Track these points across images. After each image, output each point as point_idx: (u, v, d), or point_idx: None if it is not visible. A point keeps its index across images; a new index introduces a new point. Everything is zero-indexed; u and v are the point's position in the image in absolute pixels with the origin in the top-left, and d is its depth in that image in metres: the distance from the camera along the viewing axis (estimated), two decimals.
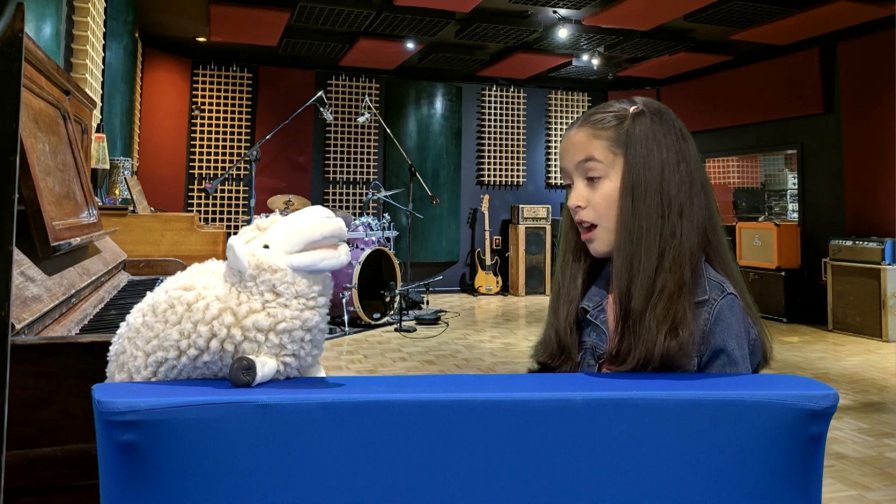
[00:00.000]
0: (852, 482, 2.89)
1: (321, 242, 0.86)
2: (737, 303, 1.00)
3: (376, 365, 4.96)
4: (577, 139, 1.07)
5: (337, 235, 0.87)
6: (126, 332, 0.89)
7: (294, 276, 0.86)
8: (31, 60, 1.75)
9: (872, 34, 6.33)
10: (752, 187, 8.81)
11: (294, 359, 0.86)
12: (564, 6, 5.93)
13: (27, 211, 1.54)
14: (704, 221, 1.02)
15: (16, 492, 1.19)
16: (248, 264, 0.85)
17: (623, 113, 1.05)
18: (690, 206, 1.01)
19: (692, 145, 1.06)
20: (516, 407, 0.77)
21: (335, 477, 0.74)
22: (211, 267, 0.91)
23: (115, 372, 0.89)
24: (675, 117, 1.07)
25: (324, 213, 0.88)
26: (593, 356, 1.08)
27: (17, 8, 0.92)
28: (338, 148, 8.53)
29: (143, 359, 0.85)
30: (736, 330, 0.98)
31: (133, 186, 3.96)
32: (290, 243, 0.86)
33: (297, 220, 0.87)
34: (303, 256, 0.86)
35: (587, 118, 1.08)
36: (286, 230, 0.87)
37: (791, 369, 4.94)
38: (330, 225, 0.87)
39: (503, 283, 8.90)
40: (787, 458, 0.81)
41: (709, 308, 0.98)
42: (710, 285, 1.00)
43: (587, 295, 1.11)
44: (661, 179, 1.01)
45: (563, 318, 1.10)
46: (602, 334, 1.07)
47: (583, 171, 1.06)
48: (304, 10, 6.02)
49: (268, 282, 0.85)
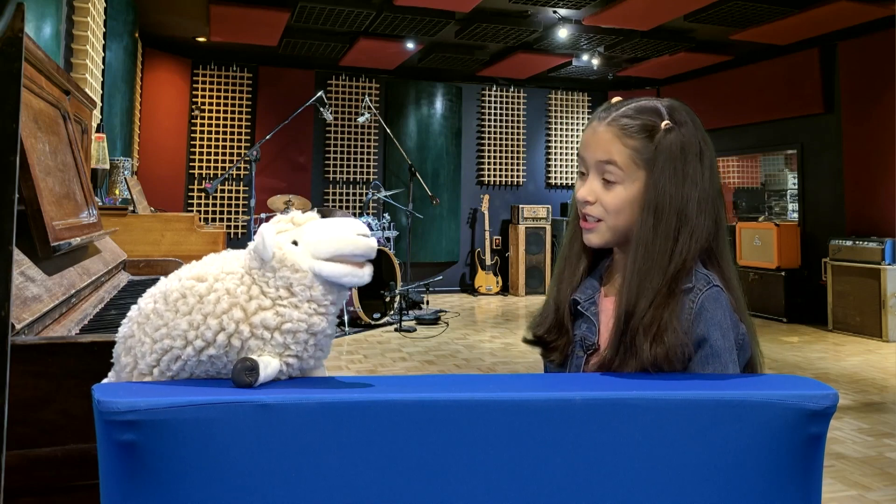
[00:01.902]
0: (852, 482, 2.89)
1: (349, 258, 0.86)
2: (722, 295, 1.00)
3: (376, 365, 4.96)
4: (603, 137, 1.05)
5: (366, 255, 0.87)
6: (136, 316, 0.89)
7: (313, 280, 0.85)
8: (31, 60, 1.75)
9: (872, 34, 6.33)
10: (752, 187, 8.81)
11: (297, 360, 0.86)
12: (564, 6, 5.93)
13: (27, 211, 1.54)
14: (710, 237, 1.03)
15: (16, 492, 1.19)
16: (273, 255, 0.85)
17: (653, 125, 1.04)
18: (702, 228, 1.02)
19: (712, 153, 1.06)
20: (516, 407, 0.77)
21: (335, 477, 0.74)
22: (225, 255, 0.91)
23: (122, 354, 0.90)
24: (699, 124, 1.06)
25: (360, 229, 0.88)
26: (582, 347, 1.08)
27: (17, 8, 0.92)
28: (338, 148, 8.53)
29: (149, 345, 0.85)
30: (720, 321, 0.98)
31: (133, 186, 3.96)
32: (320, 249, 0.85)
33: (334, 228, 0.87)
34: (327, 266, 0.86)
35: (617, 117, 1.05)
36: (319, 235, 0.86)
37: (791, 369, 4.94)
38: (364, 243, 0.86)
39: (503, 283, 8.90)
40: (787, 458, 0.81)
41: (693, 297, 0.98)
42: (697, 276, 1.00)
43: (580, 287, 1.12)
44: (682, 200, 1.01)
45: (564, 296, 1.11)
46: (592, 326, 1.08)
47: (600, 170, 1.06)
48: (304, 10, 6.02)
49: (286, 279, 0.85)
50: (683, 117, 1.05)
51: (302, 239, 0.87)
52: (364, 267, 0.88)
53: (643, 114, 1.05)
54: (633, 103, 1.07)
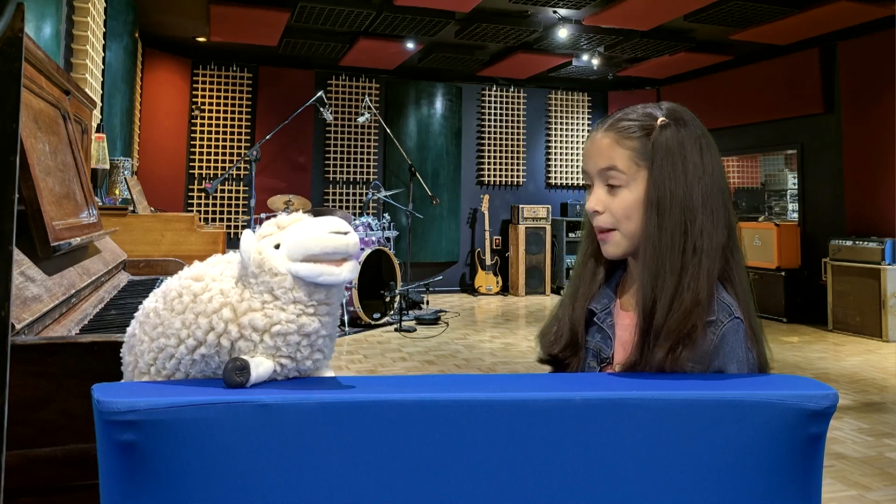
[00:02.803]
0: (852, 482, 2.89)
1: (321, 257, 0.85)
2: (741, 327, 1.00)
3: (376, 365, 4.96)
4: (602, 144, 1.06)
5: (341, 252, 0.85)
6: (140, 315, 0.91)
7: (293, 282, 0.85)
8: (31, 60, 1.75)
9: (872, 34, 6.33)
10: (752, 187, 8.81)
11: (290, 361, 0.86)
12: (564, 6, 5.93)
13: (27, 211, 1.54)
14: (724, 239, 1.02)
15: (16, 492, 1.19)
16: (252, 261, 0.85)
17: (649, 124, 1.04)
18: (712, 224, 1.01)
19: (715, 151, 1.05)
20: (516, 407, 0.77)
21: (335, 477, 0.74)
22: (227, 258, 0.92)
23: (126, 353, 0.91)
24: (699, 124, 1.06)
25: (334, 226, 0.85)
26: (596, 358, 1.08)
27: (17, 8, 0.92)
28: (338, 148, 8.53)
29: (147, 343, 0.87)
30: (738, 354, 0.99)
31: (133, 186, 3.96)
32: (294, 251, 0.85)
33: (306, 229, 0.86)
34: (302, 267, 0.85)
35: (614, 123, 1.06)
36: (296, 236, 0.86)
37: (791, 369, 4.94)
38: (334, 241, 0.84)
39: (503, 283, 8.90)
40: (787, 458, 0.81)
41: (714, 329, 0.98)
42: (720, 307, 1.00)
43: (596, 297, 1.11)
44: (685, 195, 1.00)
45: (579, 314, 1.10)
46: (607, 338, 1.07)
47: (604, 178, 1.06)
48: (304, 10, 6.02)
49: (266, 283, 0.85)
50: (681, 115, 1.05)
51: (283, 241, 0.86)
52: (342, 264, 0.85)
53: (640, 116, 1.06)
54: (630, 109, 1.08)
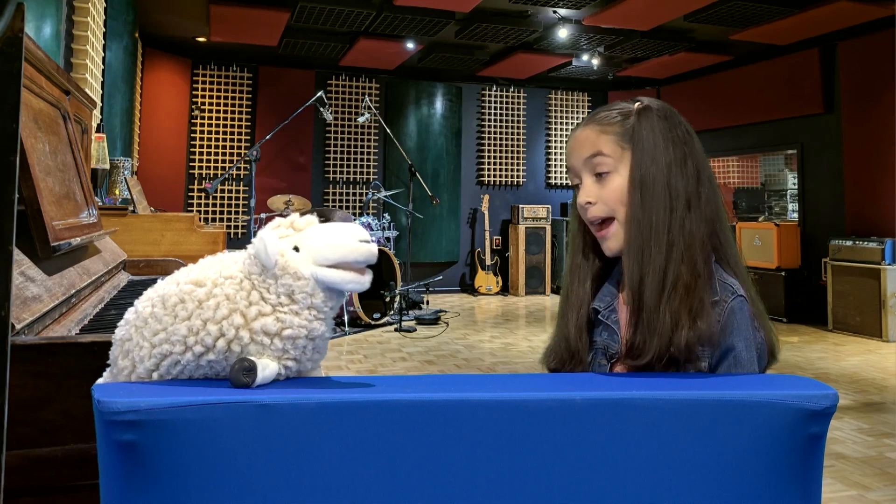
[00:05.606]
0: (852, 482, 2.89)
1: (352, 265, 0.86)
2: (746, 305, 1.01)
3: (376, 365, 4.96)
4: (584, 136, 1.08)
5: (368, 261, 0.87)
6: (134, 319, 0.88)
7: (315, 287, 0.85)
8: (31, 60, 1.75)
9: (872, 34, 6.33)
10: (752, 187, 8.81)
11: (295, 363, 0.86)
12: (564, 6, 5.93)
13: (27, 211, 1.54)
14: (712, 214, 1.03)
15: (16, 492, 1.19)
16: (276, 263, 0.85)
17: (628, 110, 1.07)
18: (698, 200, 1.02)
19: (697, 142, 1.07)
20: (516, 407, 0.77)
21: (335, 477, 0.74)
22: (220, 258, 0.91)
23: (119, 357, 0.88)
24: (680, 116, 1.08)
25: (362, 234, 0.87)
26: (605, 356, 1.08)
27: (17, 8, 0.92)
28: (338, 148, 8.53)
29: (148, 349, 0.85)
30: (745, 331, 0.99)
31: (133, 186, 3.96)
32: (322, 256, 0.85)
33: (336, 235, 0.86)
34: (329, 273, 0.85)
35: (592, 117, 1.09)
36: (322, 241, 0.86)
37: (791, 369, 4.94)
38: (366, 250, 0.86)
39: (503, 283, 8.90)
40: (787, 458, 0.81)
41: (720, 309, 0.99)
42: (722, 287, 1.01)
43: (598, 295, 1.11)
44: (668, 173, 1.02)
45: (572, 323, 1.10)
46: (614, 334, 1.07)
47: (591, 168, 1.07)
48: (304, 10, 6.02)
49: (288, 286, 0.85)
50: (660, 105, 1.08)
51: (303, 245, 0.86)
52: (365, 273, 0.88)
53: (618, 105, 1.09)
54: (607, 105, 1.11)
